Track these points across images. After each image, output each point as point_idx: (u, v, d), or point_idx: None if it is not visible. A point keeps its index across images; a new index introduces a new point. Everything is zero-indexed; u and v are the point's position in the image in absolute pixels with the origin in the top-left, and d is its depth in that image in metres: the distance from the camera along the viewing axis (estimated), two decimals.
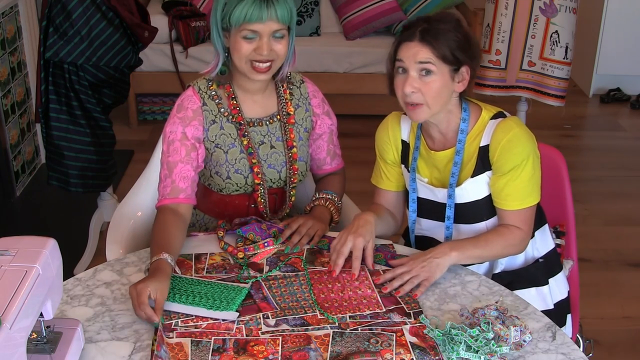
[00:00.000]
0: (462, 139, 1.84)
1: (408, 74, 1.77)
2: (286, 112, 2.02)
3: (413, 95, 1.77)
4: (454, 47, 1.75)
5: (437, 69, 1.75)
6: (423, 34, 1.75)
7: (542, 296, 1.91)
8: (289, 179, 2.04)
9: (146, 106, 4.70)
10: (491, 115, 1.85)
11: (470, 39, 1.81)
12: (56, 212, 3.61)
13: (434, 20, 1.79)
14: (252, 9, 1.80)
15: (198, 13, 4.54)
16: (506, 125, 1.81)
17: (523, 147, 1.80)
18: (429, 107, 1.78)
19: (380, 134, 2.01)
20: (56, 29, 2.71)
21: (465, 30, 1.81)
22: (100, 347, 1.52)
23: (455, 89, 1.81)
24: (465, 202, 1.87)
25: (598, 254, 3.38)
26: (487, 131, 1.83)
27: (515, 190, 1.81)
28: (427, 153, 1.91)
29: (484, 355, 1.48)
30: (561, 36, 3.42)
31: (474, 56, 1.81)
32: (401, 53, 1.78)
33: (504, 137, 1.79)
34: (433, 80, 1.76)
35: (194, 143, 1.95)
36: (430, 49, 1.75)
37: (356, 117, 4.60)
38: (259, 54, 1.85)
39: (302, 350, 1.51)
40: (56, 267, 1.37)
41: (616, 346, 2.81)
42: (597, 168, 4.27)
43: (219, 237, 1.91)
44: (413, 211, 1.97)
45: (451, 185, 1.86)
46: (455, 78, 1.79)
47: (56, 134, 2.83)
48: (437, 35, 1.75)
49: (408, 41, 1.77)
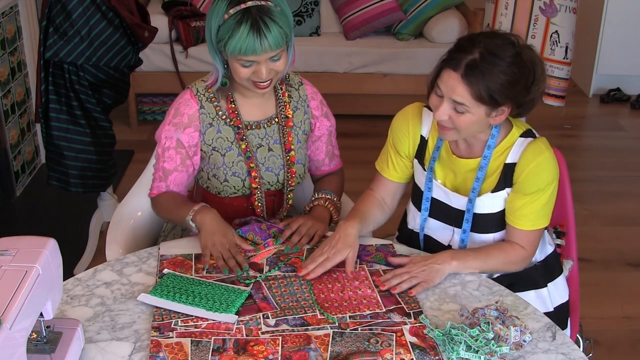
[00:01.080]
0: (488, 155, 1.81)
1: (444, 100, 1.72)
2: (284, 115, 2.02)
3: (444, 121, 1.75)
4: (496, 89, 1.66)
5: (472, 108, 1.70)
6: (468, 69, 1.66)
7: (541, 298, 1.91)
8: (287, 182, 2.04)
9: (146, 106, 4.70)
10: (521, 133, 1.82)
11: (520, 77, 1.69)
12: (56, 212, 3.61)
13: (487, 52, 1.66)
14: (246, 44, 1.78)
15: (198, 13, 4.54)
16: (537, 148, 1.78)
17: (549, 173, 1.79)
18: (459, 133, 1.77)
19: (399, 123, 1.95)
20: (56, 29, 2.71)
21: (520, 65, 1.69)
22: (100, 347, 1.52)
23: (492, 122, 1.76)
24: (480, 213, 1.86)
25: (598, 254, 3.37)
26: (515, 149, 1.79)
27: (531, 212, 1.80)
28: (447, 156, 1.88)
29: (484, 355, 1.48)
30: (561, 36, 3.42)
31: (517, 96, 1.71)
32: (442, 79, 1.71)
33: (534, 160, 1.77)
34: (466, 117, 1.71)
35: (188, 151, 1.96)
36: (469, 90, 1.67)
37: (356, 117, 4.60)
38: (258, 77, 1.85)
39: (302, 350, 1.51)
40: (56, 267, 1.37)
41: (616, 346, 2.81)
42: (597, 168, 4.26)
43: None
44: (425, 209, 1.94)
45: (471, 200, 1.84)
46: (492, 114, 1.73)
47: (56, 134, 2.83)
48: (483, 75, 1.65)
49: (451, 69, 1.68)
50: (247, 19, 1.77)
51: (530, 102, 1.76)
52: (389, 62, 4.52)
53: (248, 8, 1.78)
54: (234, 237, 1.86)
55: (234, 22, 1.78)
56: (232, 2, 1.80)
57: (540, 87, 1.75)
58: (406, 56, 4.50)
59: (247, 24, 1.77)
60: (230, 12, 1.79)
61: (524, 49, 1.72)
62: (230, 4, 1.80)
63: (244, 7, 1.78)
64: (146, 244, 2.18)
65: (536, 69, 1.73)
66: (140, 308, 1.64)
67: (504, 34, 1.74)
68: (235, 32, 1.78)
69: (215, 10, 1.82)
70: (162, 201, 2.02)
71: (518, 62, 1.69)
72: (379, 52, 4.51)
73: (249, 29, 1.77)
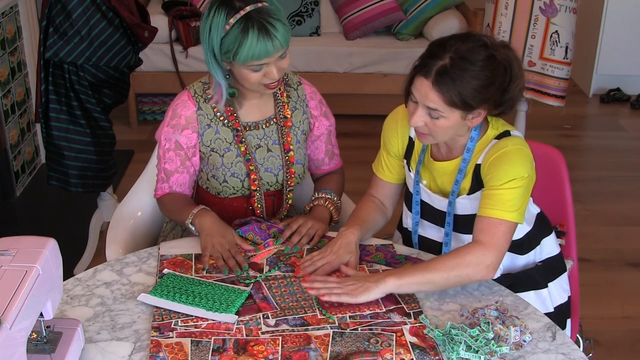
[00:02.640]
0: (467, 158, 1.80)
1: (418, 106, 1.71)
2: (283, 115, 2.02)
3: (420, 127, 1.74)
4: (468, 94, 1.64)
5: (446, 114, 1.68)
6: (438, 75, 1.64)
7: (541, 299, 1.90)
8: (286, 182, 2.04)
9: (146, 106, 4.70)
10: (496, 134, 1.79)
11: (493, 80, 1.66)
12: (56, 212, 3.61)
13: (458, 57, 1.64)
14: (259, 48, 1.77)
15: (198, 13, 4.54)
16: (501, 144, 1.75)
17: (512, 166, 1.71)
18: (435, 138, 1.76)
19: (389, 124, 1.96)
20: (56, 29, 2.71)
21: (493, 67, 1.66)
22: (100, 347, 1.52)
23: (469, 125, 1.75)
24: (463, 215, 1.85)
25: (598, 254, 3.37)
26: (486, 150, 1.78)
27: (495, 201, 1.71)
28: (427, 160, 1.88)
29: (484, 355, 1.48)
30: (561, 36, 3.41)
31: (492, 97, 1.69)
32: (414, 86, 1.69)
33: (494, 154, 1.74)
34: (441, 122, 1.70)
35: (187, 152, 1.97)
36: (440, 96, 1.65)
37: (356, 117, 4.60)
38: (270, 78, 1.84)
39: (302, 350, 1.51)
40: (56, 267, 1.37)
41: (616, 346, 2.81)
42: (597, 168, 4.26)
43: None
44: (416, 213, 1.94)
45: (450, 203, 1.84)
46: (468, 116, 1.71)
47: (56, 134, 2.83)
48: (453, 81, 1.63)
49: (423, 77, 1.67)
50: (252, 24, 1.76)
51: (509, 100, 1.74)
52: (389, 62, 4.52)
53: (248, 14, 1.77)
54: (234, 237, 1.86)
55: (239, 31, 1.77)
56: (229, 12, 1.78)
57: (519, 84, 1.73)
58: (406, 56, 4.50)
59: (254, 29, 1.76)
60: (231, 22, 1.77)
61: (497, 48, 1.69)
62: (228, 14, 1.78)
63: (244, 13, 1.77)
64: (146, 244, 2.18)
65: (512, 68, 1.70)
66: (140, 308, 1.64)
67: (476, 36, 1.70)
68: (244, 40, 1.76)
69: (214, 23, 1.80)
70: (166, 203, 2.03)
71: (491, 64, 1.66)
72: (379, 52, 4.51)
73: (258, 34, 1.76)
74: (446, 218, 1.87)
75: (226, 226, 1.88)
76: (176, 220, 2.02)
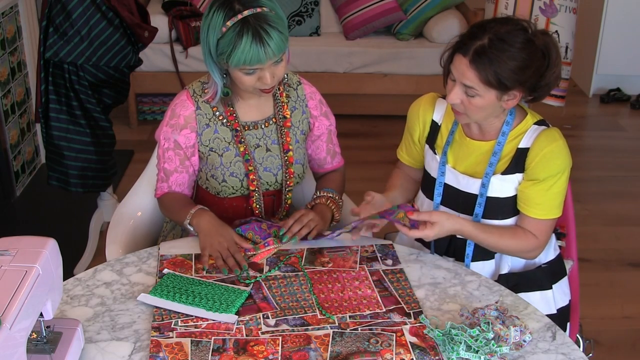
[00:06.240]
0: (502, 141, 1.84)
1: (456, 84, 1.77)
2: (282, 115, 2.02)
3: (456, 105, 1.79)
4: (504, 74, 1.70)
5: (482, 92, 1.73)
6: (476, 54, 1.70)
7: (545, 300, 1.91)
8: (285, 182, 2.04)
9: (146, 106, 4.70)
10: (535, 121, 1.85)
11: (530, 63, 1.71)
12: (56, 212, 3.61)
13: (497, 38, 1.70)
14: (250, 54, 1.77)
15: (198, 13, 4.54)
16: (551, 135, 1.81)
17: (562, 160, 1.80)
18: (469, 117, 1.81)
19: (413, 110, 2.02)
20: (56, 29, 2.71)
21: (531, 51, 1.71)
22: (100, 347, 1.52)
23: (504, 106, 1.79)
24: (489, 197, 1.87)
25: (598, 254, 3.37)
26: (529, 135, 1.82)
27: (544, 200, 1.82)
28: (460, 139, 1.91)
29: (484, 355, 1.48)
30: (561, 36, 3.42)
31: (529, 80, 1.74)
32: (454, 64, 1.76)
33: (547, 146, 1.79)
34: (476, 100, 1.75)
35: (186, 152, 1.97)
36: (477, 75, 1.71)
37: (356, 117, 4.59)
38: (263, 83, 1.84)
39: (302, 350, 1.51)
40: (56, 267, 1.37)
41: (616, 346, 2.81)
42: (597, 168, 4.26)
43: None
44: (439, 195, 1.95)
45: (484, 185, 1.86)
46: (503, 98, 1.76)
47: (56, 134, 2.83)
48: (490, 60, 1.69)
49: (462, 55, 1.73)
50: (247, 29, 1.75)
51: (545, 86, 1.79)
52: (389, 62, 4.52)
53: (245, 18, 1.76)
54: (232, 235, 1.86)
55: (234, 35, 1.76)
56: (227, 14, 1.77)
57: (556, 72, 1.78)
58: (406, 56, 4.50)
59: (248, 34, 1.75)
60: (228, 25, 1.77)
61: (537, 35, 1.74)
62: (227, 16, 1.77)
63: (241, 17, 1.76)
64: (146, 244, 2.18)
65: (550, 54, 1.75)
66: (140, 308, 1.64)
67: (516, 20, 1.76)
68: (238, 44, 1.76)
69: (212, 24, 1.80)
70: (166, 203, 2.03)
71: (528, 47, 1.71)
72: (379, 52, 4.51)
73: (251, 40, 1.75)
74: (477, 200, 1.88)
75: (224, 225, 1.89)
76: (175, 220, 2.02)
